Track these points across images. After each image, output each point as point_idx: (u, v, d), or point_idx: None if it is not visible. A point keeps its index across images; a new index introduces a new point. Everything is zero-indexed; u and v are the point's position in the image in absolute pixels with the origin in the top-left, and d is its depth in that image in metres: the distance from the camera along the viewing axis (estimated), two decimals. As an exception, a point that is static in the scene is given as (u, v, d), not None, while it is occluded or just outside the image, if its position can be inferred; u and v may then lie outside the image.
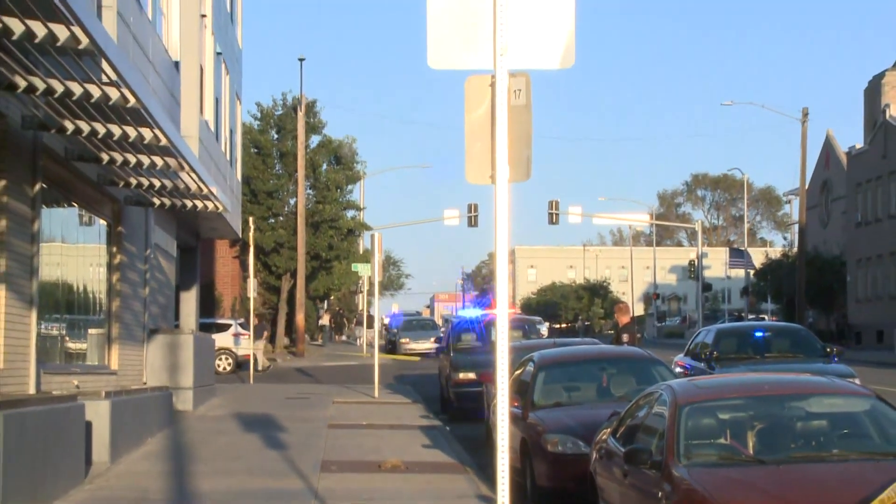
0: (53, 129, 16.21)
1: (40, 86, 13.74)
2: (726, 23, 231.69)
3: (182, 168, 19.74)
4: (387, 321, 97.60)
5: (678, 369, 25.02)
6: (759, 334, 27.56)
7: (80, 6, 11.49)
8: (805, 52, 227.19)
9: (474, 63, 8.85)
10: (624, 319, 27.21)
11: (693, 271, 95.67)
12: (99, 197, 22.07)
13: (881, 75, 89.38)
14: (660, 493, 10.72)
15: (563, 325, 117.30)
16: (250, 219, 48.71)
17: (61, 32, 11.73)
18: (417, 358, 59.24)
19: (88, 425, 17.26)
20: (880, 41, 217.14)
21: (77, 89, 13.89)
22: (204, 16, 31.77)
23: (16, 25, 11.52)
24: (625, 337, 25.79)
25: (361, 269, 54.72)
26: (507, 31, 8.69)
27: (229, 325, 51.48)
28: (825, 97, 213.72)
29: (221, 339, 47.31)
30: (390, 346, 70.70)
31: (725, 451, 11.16)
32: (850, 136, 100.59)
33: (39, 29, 11.62)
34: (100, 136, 16.31)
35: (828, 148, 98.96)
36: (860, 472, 10.07)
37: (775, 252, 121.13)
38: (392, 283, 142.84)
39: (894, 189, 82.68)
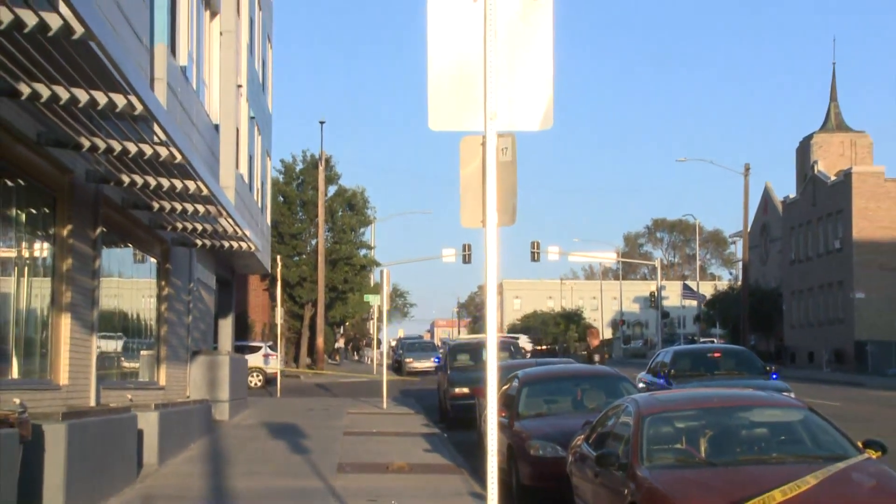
0: (112, 182, 16.25)
1: (102, 145, 13.78)
2: (681, 90, 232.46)
3: (220, 214, 19.78)
4: (394, 342, 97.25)
5: (641, 385, 24.99)
6: (709, 355, 27.55)
7: (135, 79, 11.54)
8: (747, 117, 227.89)
9: (468, 125, 8.88)
10: (595, 342, 27.25)
11: (653, 301, 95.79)
12: (150, 239, 22.09)
13: (810, 136, 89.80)
14: (626, 491, 10.71)
15: (544, 347, 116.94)
16: (278, 257, 48.81)
17: (120, 101, 11.78)
18: (417, 378, 58.94)
19: (140, 433, 17.22)
20: (810, 107, 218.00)
21: (133, 148, 13.94)
22: (240, 86, 31.89)
23: (82, 95, 11.57)
24: (596, 357, 25.84)
25: (372, 299, 54.68)
26: (495, 99, 8.73)
27: (260, 348, 51.44)
28: (764, 154, 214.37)
29: (253, 360, 47.26)
30: (396, 365, 70.46)
31: (681, 455, 11.16)
32: (785, 187, 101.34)
33: (101, 98, 11.67)
34: (151, 188, 16.34)
35: (766, 197, 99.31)
36: (794, 472, 10.06)
37: (723, 285, 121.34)
38: (398, 311, 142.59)
39: (822, 232, 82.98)
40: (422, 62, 8.88)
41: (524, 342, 60.93)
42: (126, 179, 15.98)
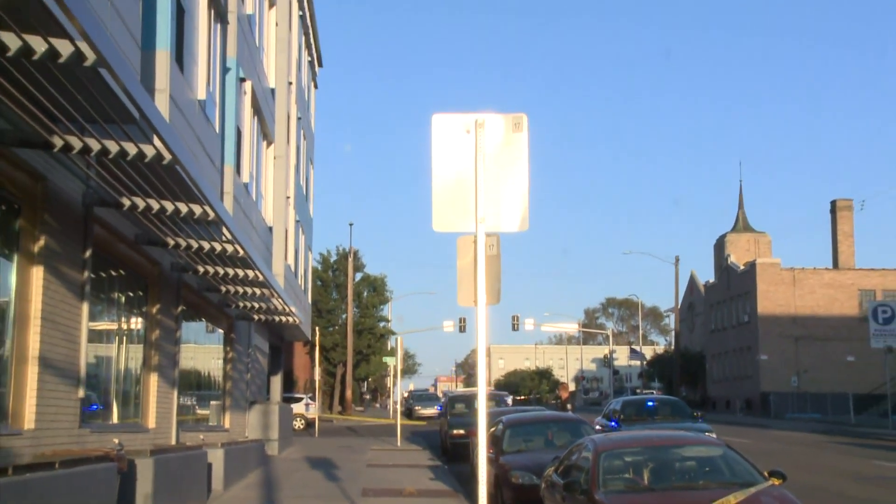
0: (190, 271, 16.31)
1: (183, 243, 13.85)
2: (628, 199, 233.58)
3: (273, 296, 19.82)
4: (406, 394, 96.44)
5: (598, 427, 24.75)
6: (650, 404, 27.35)
7: (209, 193, 11.65)
8: (677, 220, 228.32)
9: (463, 227, 8.92)
10: (565, 395, 26.99)
11: (607, 361, 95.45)
12: (218, 314, 22.09)
13: (724, 235, 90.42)
14: (586, 511, 10.59)
15: (522, 398, 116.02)
16: (316, 328, 48.72)
17: (197, 210, 11.88)
18: (424, 423, 58.29)
19: (209, 466, 17.04)
20: (724, 213, 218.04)
21: (206, 246, 14.00)
22: (288, 197, 32.12)
23: (169, 206, 11.67)
24: (569, 406, 25.61)
25: (389, 360, 54.23)
26: (484, 208, 8.78)
27: (302, 398, 51.04)
28: (690, 248, 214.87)
29: (297, 408, 46.91)
30: (408, 412, 69.79)
31: (629, 483, 11.03)
32: (706, 273, 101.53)
33: (183, 207, 11.77)
34: (220, 275, 16.40)
35: (692, 282, 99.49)
36: (715, 495, 9.97)
37: (660, 349, 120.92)
38: (409, 369, 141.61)
39: (734, 309, 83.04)
40: (428, 178, 8.95)
41: (511, 401, 60.55)
42: (201, 269, 16.04)
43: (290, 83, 32.77)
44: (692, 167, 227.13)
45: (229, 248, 14.17)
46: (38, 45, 7.36)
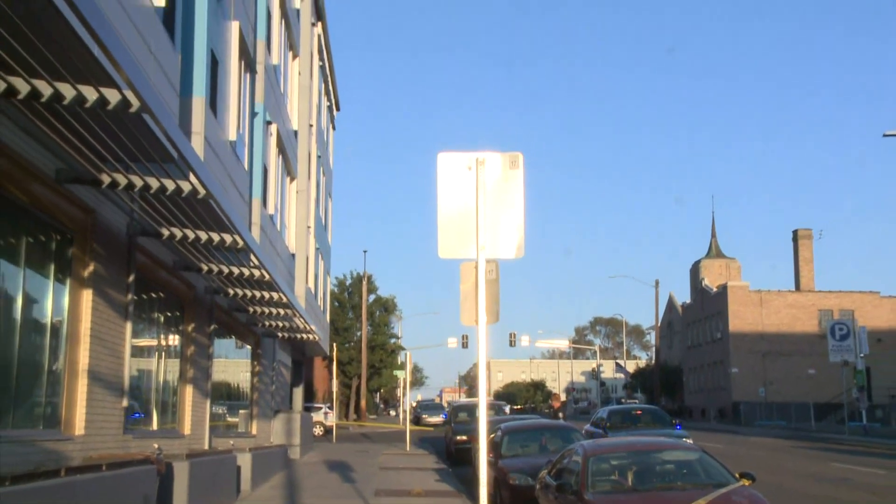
0: (222, 294, 16.32)
1: (215, 269, 13.88)
2: (614, 231, 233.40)
3: (295, 315, 19.81)
4: (414, 404, 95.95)
5: (586, 434, 24.65)
6: (633, 412, 27.24)
7: (239, 224, 11.70)
8: (657, 247, 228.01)
9: (465, 254, 8.93)
10: (556, 404, 26.93)
11: (595, 374, 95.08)
12: (247, 332, 22.08)
13: (699, 261, 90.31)
14: (576, 509, 10.55)
15: (518, 407, 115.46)
16: (334, 344, 48.63)
17: (228, 238, 11.92)
18: (430, 429, 58.04)
19: (238, 468, 17.00)
20: (699, 240, 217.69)
21: (236, 270, 14.03)
22: (309, 227, 32.17)
23: (203, 235, 11.72)
24: (560, 415, 25.56)
25: (399, 373, 54.25)
26: (484, 236, 8.81)
27: (321, 407, 50.86)
28: (669, 272, 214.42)
29: (316, 416, 46.73)
30: (416, 420, 69.50)
31: (615, 484, 10.99)
32: (683, 295, 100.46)
33: (216, 237, 11.81)
34: (248, 298, 16.41)
35: (671, 302, 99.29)
36: (692, 495, 9.93)
37: (642, 363, 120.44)
38: (417, 381, 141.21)
39: (708, 327, 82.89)
40: (434, 209, 8.98)
41: (509, 410, 60.26)
42: (231, 292, 16.05)
43: (311, 125, 32.93)
44: (671, 200, 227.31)
45: (256, 273, 14.20)
46: (90, 94, 7.43)
